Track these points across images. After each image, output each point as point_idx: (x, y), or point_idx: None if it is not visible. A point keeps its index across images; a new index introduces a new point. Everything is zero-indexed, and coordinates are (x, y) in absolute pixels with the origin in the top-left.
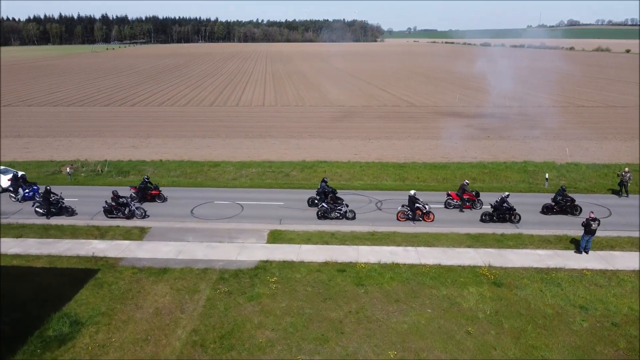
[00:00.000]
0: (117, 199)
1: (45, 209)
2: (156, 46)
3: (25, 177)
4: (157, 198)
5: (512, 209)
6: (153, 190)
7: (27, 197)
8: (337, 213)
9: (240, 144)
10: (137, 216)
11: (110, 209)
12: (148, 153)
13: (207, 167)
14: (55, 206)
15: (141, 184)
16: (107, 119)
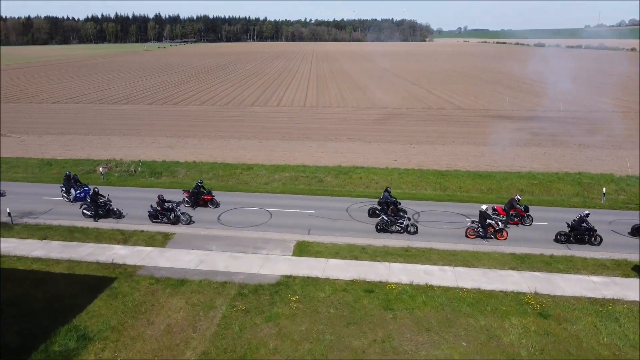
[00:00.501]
0: (162, 203)
1: (93, 211)
2: (205, 45)
3: (77, 178)
4: (210, 203)
5: (593, 230)
6: (206, 195)
7: (78, 198)
8: (398, 226)
9: (277, 146)
10: (183, 222)
11: (156, 213)
12: (183, 153)
13: (240, 170)
14: (102, 208)
15: (194, 189)
16: (148, 117)
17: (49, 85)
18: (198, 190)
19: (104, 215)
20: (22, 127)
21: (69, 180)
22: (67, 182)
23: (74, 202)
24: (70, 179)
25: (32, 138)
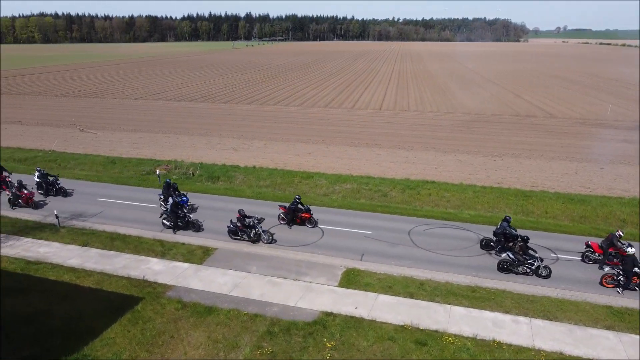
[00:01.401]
0: (243, 219)
1: (173, 222)
2: (292, 43)
3: (176, 186)
4: (308, 222)
5: None
6: (304, 212)
7: None
8: (526, 268)
9: (343, 152)
10: (264, 240)
11: (235, 230)
12: (246, 157)
13: (299, 178)
14: (182, 220)
15: (292, 205)
16: (220, 116)
17: (135, 82)
18: (295, 206)
19: (183, 227)
20: (100, 123)
21: (168, 189)
22: (167, 190)
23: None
24: (169, 187)
25: (106, 134)
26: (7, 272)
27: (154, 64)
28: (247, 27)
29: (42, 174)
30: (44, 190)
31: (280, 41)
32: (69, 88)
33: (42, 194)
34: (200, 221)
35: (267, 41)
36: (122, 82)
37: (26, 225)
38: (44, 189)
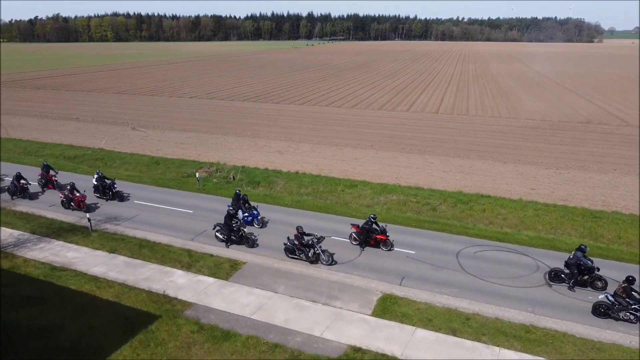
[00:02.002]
0: (301, 237)
1: (226, 236)
2: (352, 43)
3: (246, 198)
4: (383, 245)
5: None
6: (380, 234)
7: (245, 221)
8: (630, 314)
9: (393, 159)
10: (323, 261)
11: (293, 248)
12: (290, 161)
13: (343, 187)
14: (236, 234)
15: (366, 224)
16: (270, 117)
17: (194, 80)
18: (370, 226)
19: (236, 242)
20: (153, 121)
21: (238, 200)
22: (236, 202)
23: (245, 225)
24: (239, 199)
25: (156, 133)
26: (30, 278)
27: (214, 63)
28: (308, 27)
29: (100, 177)
30: (100, 193)
31: (341, 40)
32: (130, 85)
33: (99, 197)
34: (255, 235)
35: (327, 40)
36: (182, 80)
37: (60, 227)
38: (101, 192)
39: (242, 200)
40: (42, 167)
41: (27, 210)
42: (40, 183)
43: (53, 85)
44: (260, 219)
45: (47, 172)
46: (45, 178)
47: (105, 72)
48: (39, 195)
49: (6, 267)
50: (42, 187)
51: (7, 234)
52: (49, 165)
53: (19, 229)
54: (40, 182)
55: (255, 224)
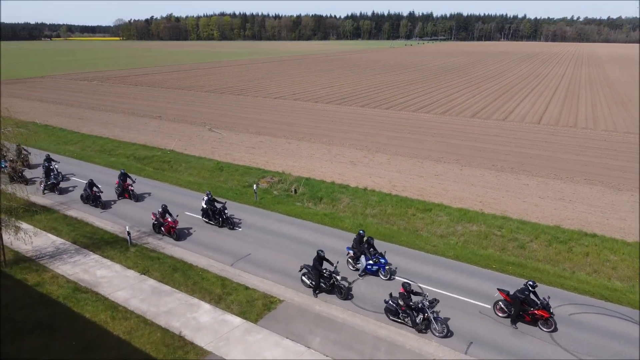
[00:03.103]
0: (408, 297)
1: (314, 282)
2: (454, 43)
3: (372, 241)
4: (544, 325)
5: None
6: (540, 309)
7: (369, 270)
8: None
9: (479, 177)
10: (435, 331)
11: (396, 310)
12: (361, 174)
13: (415, 210)
14: (327, 281)
15: (520, 293)
16: (351, 122)
17: (282, 80)
18: (526, 297)
19: (327, 291)
20: (230, 122)
21: (361, 243)
22: (359, 244)
23: (363, 276)
24: (362, 241)
25: (230, 135)
26: (49, 300)
27: (308, 62)
28: (408, 26)
29: (209, 199)
30: (209, 218)
31: (442, 41)
32: (220, 84)
33: (207, 222)
34: (350, 282)
35: (427, 40)
36: (271, 80)
37: (102, 238)
38: (210, 216)
39: (366, 243)
40: (120, 175)
41: (77, 215)
42: (117, 191)
43: (150, 82)
44: (388, 269)
45: (124, 180)
46: (121, 187)
47: (202, 70)
48: (112, 205)
49: (33, 282)
50: (118, 195)
51: (49, 241)
52: (126, 173)
53: (62, 236)
54: (116, 190)
55: (382, 275)
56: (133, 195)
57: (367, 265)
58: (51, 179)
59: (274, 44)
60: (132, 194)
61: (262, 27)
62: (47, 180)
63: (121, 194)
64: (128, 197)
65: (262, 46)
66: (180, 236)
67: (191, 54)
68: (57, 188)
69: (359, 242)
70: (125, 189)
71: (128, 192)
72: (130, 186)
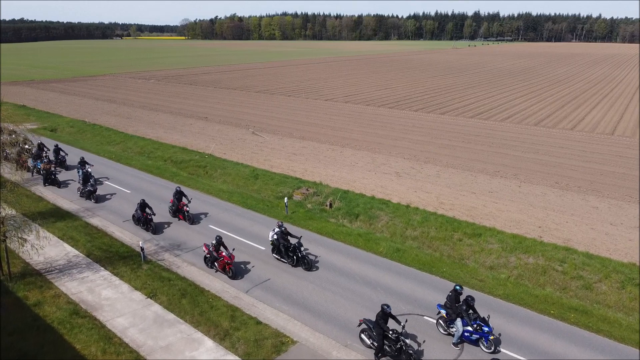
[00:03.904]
0: None
1: (376, 343)
2: (521, 44)
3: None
4: None
5: None
6: None
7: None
8: None
9: (541, 198)
10: None
11: None
12: (405, 188)
13: (462, 234)
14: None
15: None
16: (402, 127)
17: (337, 81)
18: None
19: (392, 356)
20: (275, 126)
21: (457, 299)
22: (453, 302)
23: (460, 344)
24: (458, 298)
25: (273, 139)
26: (44, 325)
27: (366, 62)
28: (473, 26)
29: (282, 232)
30: (280, 254)
31: (508, 41)
32: (272, 85)
33: (279, 258)
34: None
35: (492, 41)
36: (325, 81)
37: (117, 252)
38: (281, 253)
39: (464, 303)
40: (175, 193)
41: (99, 224)
42: (170, 211)
43: (205, 82)
44: (493, 339)
45: (180, 199)
46: (176, 206)
47: (257, 70)
48: (164, 229)
49: (32, 301)
50: (172, 215)
51: (63, 253)
52: (182, 191)
53: (78, 247)
54: (170, 209)
55: (484, 347)
56: (188, 217)
57: (464, 332)
58: (88, 186)
59: (333, 43)
60: (187, 216)
61: (323, 27)
62: (84, 187)
63: (175, 214)
64: (183, 218)
65: (321, 46)
66: (237, 273)
67: (250, 54)
68: (94, 196)
69: (455, 300)
70: (180, 209)
71: (183, 212)
72: (185, 206)
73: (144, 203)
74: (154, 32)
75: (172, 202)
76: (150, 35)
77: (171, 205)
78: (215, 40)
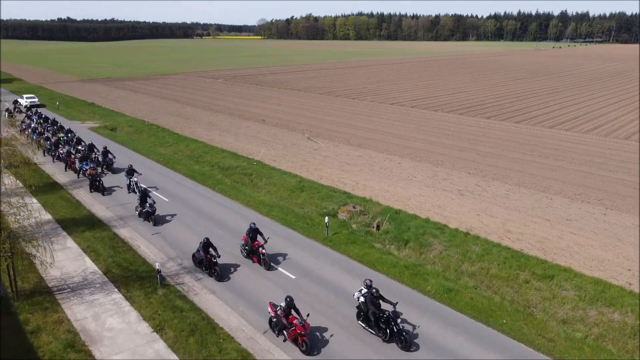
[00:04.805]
0: None
1: None
2: (612, 46)
3: None
4: None
5: None
6: None
7: None
8: None
9: (632, 231)
10: None
11: None
12: (467, 210)
13: (530, 273)
14: None
15: None
16: (471, 137)
17: (407, 83)
18: None
19: None
20: (333, 130)
21: None
22: None
23: None
24: None
25: (328, 146)
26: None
27: (440, 64)
28: (559, 27)
29: (373, 295)
30: (369, 324)
31: (598, 43)
32: (338, 86)
33: (365, 328)
34: None
35: (580, 42)
36: (393, 83)
37: (136, 272)
38: (370, 323)
39: None
40: (248, 232)
41: (127, 235)
42: (243, 251)
43: (271, 82)
44: None
45: (255, 238)
46: (250, 247)
47: (326, 71)
48: (231, 273)
49: (32, 326)
50: (245, 256)
51: (81, 269)
52: (258, 229)
53: (98, 262)
54: (242, 249)
55: None
56: (264, 260)
57: None
58: (146, 207)
59: (408, 44)
60: (262, 259)
61: (398, 27)
62: (142, 207)
63: (249, 255)
64: (257, 261)
65: (395, 46)
66: (312, 347)
67: (322, 54)
68: (152, 218)
69: None
70: (255, 250)
71: (258, 255)
72: (261, 247)
73: (208, 242)
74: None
75: (244, 240)
76: (229, 35)
77: (244, 244)
78: (289, 40)
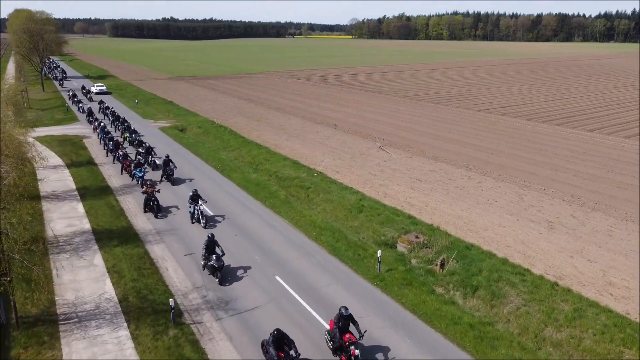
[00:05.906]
0: None
1: None
2: None
3: None
4: None
5: None
6: None
7: None
8: None
9: None
10: None
11: None
12: (557, 249)
13: (638, 352)
14: None
15: None
16: (569, 153)
17: (499, 87)
18: None
19: None
20: (409, 139)
21: None
22: None
23: None
24: None
25: (400, 157)
26: None
27: (540, 67)
28: None
29: None
30: None
31: None
32: (423, 89)
33: None
34: None
35: None
36: (484, 87)
37: (154, 302)
38: None
39: None
40: (338, 318)
41: (157, 255)
42: (329, 343)
43: (352, 83)
44: None
45: (347, 326)
46: (339, 344)
47: (413, 72)
48: None
49: None
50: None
51: (97, 293)
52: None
53: (117, 287)
54: (329, 341)
55: None
56: None
57: None
58: (213, 259)
59: (505, 44)
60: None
61: (495, 27)
62: (208, 259)
63: (335, 352)
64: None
65: (491, 47)
66: None
67: (412, 54)
68: (218, 274)
69: None
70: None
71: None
72: (354, 346)
73: (282, 335)
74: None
75: (331, 327)
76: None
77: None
78: (380, 40)
